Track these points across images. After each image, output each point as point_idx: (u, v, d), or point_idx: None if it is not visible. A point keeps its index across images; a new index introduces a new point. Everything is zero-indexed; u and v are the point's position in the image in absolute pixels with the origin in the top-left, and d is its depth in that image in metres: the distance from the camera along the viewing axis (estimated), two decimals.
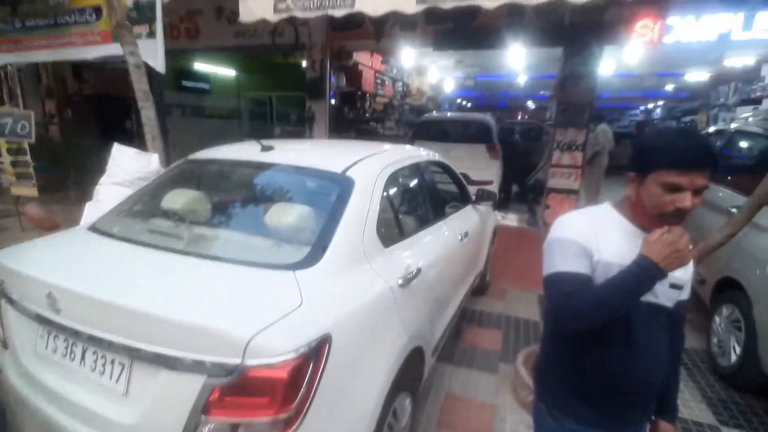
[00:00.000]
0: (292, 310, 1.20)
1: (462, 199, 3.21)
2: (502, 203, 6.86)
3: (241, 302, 1.23)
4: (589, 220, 1.10)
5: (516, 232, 5.97)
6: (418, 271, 1.84)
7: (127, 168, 3.28)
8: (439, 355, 2.75)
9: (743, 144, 3.66)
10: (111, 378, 1.24)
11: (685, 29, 4.06)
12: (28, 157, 5.71)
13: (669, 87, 12.87)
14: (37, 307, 1.36)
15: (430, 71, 11.81)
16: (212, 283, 1.33)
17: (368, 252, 1.62)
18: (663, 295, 1.09)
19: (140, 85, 3.73)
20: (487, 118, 7.50)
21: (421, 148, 3.10)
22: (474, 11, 4.01)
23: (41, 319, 1.37)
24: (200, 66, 9.64)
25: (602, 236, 1.05)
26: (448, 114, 9.48)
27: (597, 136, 7.89)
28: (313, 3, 4.37)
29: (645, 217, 1.05)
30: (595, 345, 1.10)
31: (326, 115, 6.83)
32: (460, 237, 2.62)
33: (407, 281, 1.73)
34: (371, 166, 1.91)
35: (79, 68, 8.52)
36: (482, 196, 3.35)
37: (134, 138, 7.09)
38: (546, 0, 3.55)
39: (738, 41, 5.09)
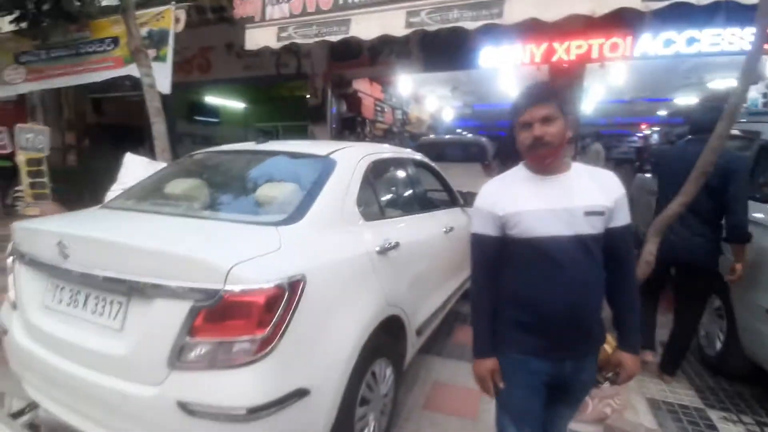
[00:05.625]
0: (270, 251, 1.36)
1: (451, 202, 3.36)
2: None
3: (225, 244, 1.39)
4: (498, 183, 1.33)
5: None
6: (397, 244, 1.99)
7: (137, 175, 3.53)
8: (428, 349, 2.82)
9: None
10: (109, 317, 1.39)
11: (654, 46, 4.33)
12: (46, 179, 6.07)
13: (662, 112, 13.22)
14: (47, 257, 1.52)
15: (428, 100, 12.31)
16: (201, 232, 1.51)
17: (348, 220, 1.79)
18: (579, 224, 1.18)
19: (153, 103, 4.07)
20: (482, 139, 7.78)
21: (409, 150, 3.30)
22: (459, 32, 4.38)
23: (51, 270, 1.53)
24: (211, 99, 10.22)
25: (507, 192, 1.26)
26: (446, 136, 9.83)
27: (589, 154, 8.14)
28: (312, 31, 4.78)
29: (529, 160, 1.28)
30: (522, 277, 1.24)
31: (328, 137, 7.18)
32: (444, 229, 2.76)
33: (385, 250, 1.88)
34: (354, 152, 2.10)
35: (98, 101, 9.09)
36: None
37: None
38: (521, 19, 3.90)
39: (714, 62, 5.32)
